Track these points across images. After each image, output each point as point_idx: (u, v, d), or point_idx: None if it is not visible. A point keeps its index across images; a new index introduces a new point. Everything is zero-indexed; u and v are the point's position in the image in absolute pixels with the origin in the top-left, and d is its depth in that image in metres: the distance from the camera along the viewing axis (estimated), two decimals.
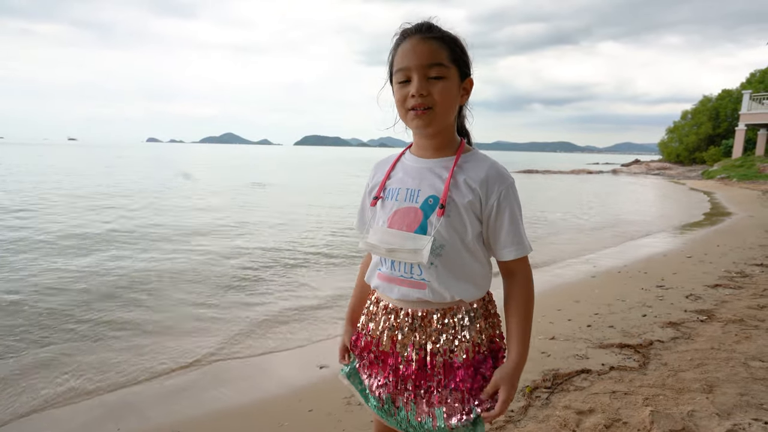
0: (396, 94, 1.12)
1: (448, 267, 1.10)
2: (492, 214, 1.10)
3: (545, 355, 2.94)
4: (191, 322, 3.88)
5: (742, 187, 18.18)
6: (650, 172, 30.92)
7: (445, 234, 1.09)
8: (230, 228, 8.51)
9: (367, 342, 1.23)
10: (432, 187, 1.11)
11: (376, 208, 1.20)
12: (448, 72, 1.07)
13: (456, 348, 1.11)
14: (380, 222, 1.18)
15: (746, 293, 4.25)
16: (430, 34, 1.08)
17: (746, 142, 26.03)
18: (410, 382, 1.14)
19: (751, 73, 30.90)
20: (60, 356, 3.20)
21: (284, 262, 5.99)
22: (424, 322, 1.13)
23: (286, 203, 13.06)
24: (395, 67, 1.10)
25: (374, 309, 1.23)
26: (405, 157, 1.22)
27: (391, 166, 1.22)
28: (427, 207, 1.11)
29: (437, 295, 1.10)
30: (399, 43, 1.11)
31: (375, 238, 1.16)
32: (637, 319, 3.61)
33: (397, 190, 1.16)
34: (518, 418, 2.20)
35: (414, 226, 1.11)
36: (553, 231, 8.74)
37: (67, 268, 5.44)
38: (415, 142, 1.20)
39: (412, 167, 1.18)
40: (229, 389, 2.80)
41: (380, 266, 1.18)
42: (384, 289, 1.17)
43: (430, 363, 1.12)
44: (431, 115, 1.08)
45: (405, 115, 1.11)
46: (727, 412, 2.18)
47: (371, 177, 1.27)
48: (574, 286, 4.89)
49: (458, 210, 1.09)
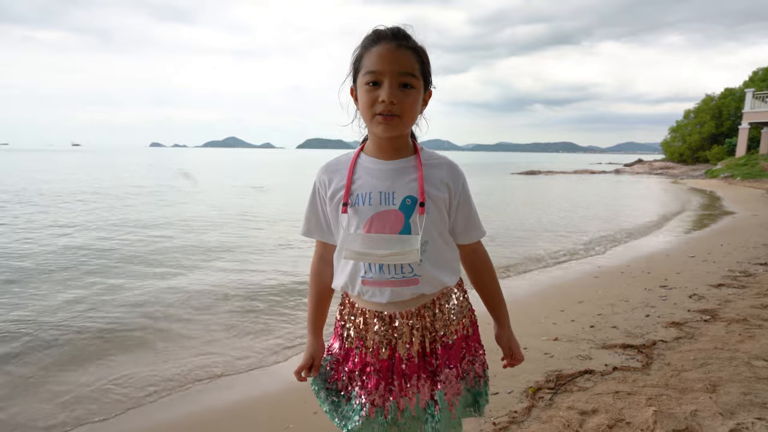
0: (364, 95, 1.10)
1: (433, 259, 1.17)
2: (460, 203, 1.20)
3: (548, 355, 2.95)
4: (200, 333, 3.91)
5: (746, 186, 18.11)
6: (653, 172, 30.83)
7: (428, 230, 1.14)
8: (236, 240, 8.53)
9: (361, 357, 1.20)
10: (406, 187, 1.14)
11: (347, 215, 1.15)
12: (417, 83, 1.10)
13: (448, 330, 1.20)
14: (353, 228, 1.14)
15: (750, 293, 4.25)
16: (407, 43, 1.09)
17: (750, 141, 25.92)
18: (415, 376, 1.17)
19: (754, 71, 30.80)
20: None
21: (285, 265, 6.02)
22: (420, 318, 1.17)
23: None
24: (366, 68, 1.09)
25: (361, 320, 1.20)
26: (362, 159, 1.20)
27: (350, 169, 1.18)
28: (405, 207, 1.13)
29: (431, 285, 1.17)
30: (371, 44, 1.10)
31: (359, 245, 1.13)
32: (640, 319, 3.61)
33: (367, 194, 1.14)
34: (522, 419, 2.21)
35: (397, 227, 1.12)
36: (555, 231, 8.74)
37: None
38: (374, 144, 1.19)
39: (376, 170, 1.16)
40: (235, 392, 2.82)
41: (363, 273, 1.15)
42: (372, 294, 1.15)
43: (430, 352, 1.19)
44: (397, 123, 1.10)
45: (371, 118, 1.11)
46: (731, 411, 2.18)
47: (327, 182, 1.21)
48: (577, 286, 4.89)
49: (435, 206, 1.15)
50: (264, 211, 11.79)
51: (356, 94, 1.15)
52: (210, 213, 11.01)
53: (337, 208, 1.18)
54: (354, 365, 1.22)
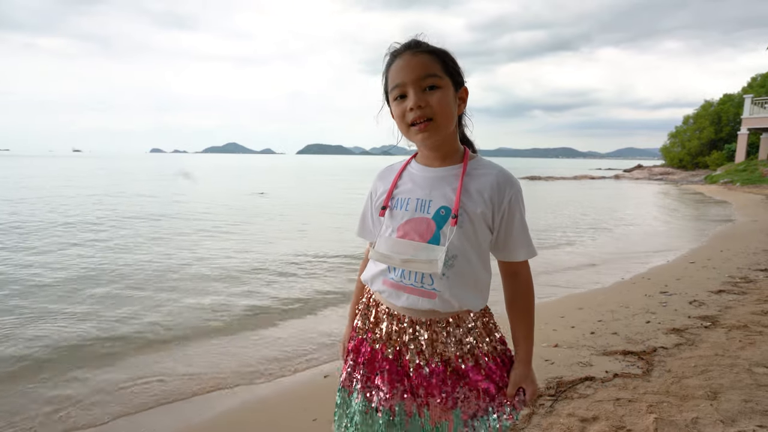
0: (395, 110, 1.13)
1: (459, 277, 1.11)
2: (504, 218, 1.12)
3: (549, 362, 2.94)
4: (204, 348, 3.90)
5: (745, 192, 18.12)
6: (653, 177, 30.87)
7: (458, 244, 1.10)
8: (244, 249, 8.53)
9: (372, 350, 1.20)
10: (443, 197, 1.12)
11: (384, 218, 1.19)
12: (442, 82, 1.09)
13: (465, 354, 1.14)
14: (388, 232, 1.17)
15: (750, 299, 4.24)
16: (419, 49, 1.11)
17: (749, 146, 25.98)
18: (422, 389, 1.14)
19: (753, 77, 30.91)
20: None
21: (282, 271, 6.02)
22: (430, 330, 1.13)
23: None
24: (390, 84, 1.12)
25: (374, 313, 1.21)
26: (411, 166, 1.22)
27: (397, 174, 1.22)
28: (439, 218, 1.11)
29: (446, 305, 1.11)
30: (390, 62, 1.13)
31: (385, 247, 1.16)
32: (640, 325, 3.60)
33: (406, 200, 1.16)
34: (522, 426, 2.20)
35: (427, 236, 1.11)
36: (556, 236, 8.74)
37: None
38: (421, 153, 1.21)
39: (420, 176, 1.18)
40: (234, 399, 2.81)
41: (388, 273, 1.16)
42: (390, 295, 1.16)
43: (442, 370, 1.13)
44: (433, 126, 1.09)
45: (407, 130, 1.13)
46: (732, 418, 2.17)
47: (376, 186, 1.26)
48: (578, 293, 4.89)
49: (470, 220, 1.10)
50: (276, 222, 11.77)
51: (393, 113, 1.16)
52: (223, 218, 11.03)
53: (378, 210, 1.21)
54: (363, 357, 1.23)
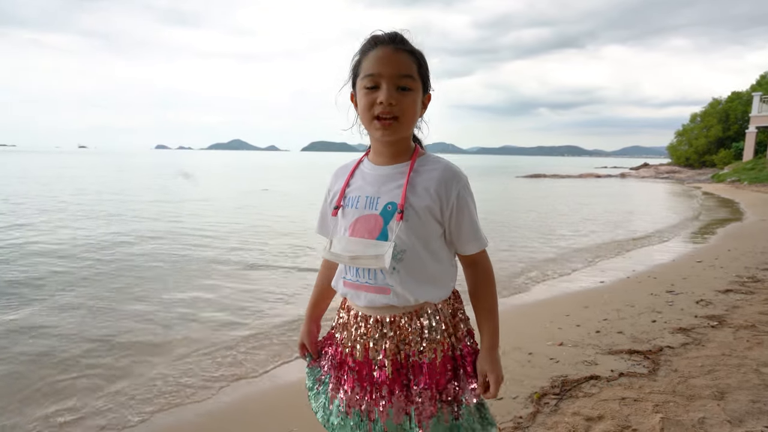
0: (362, 99, 1.12)
1: (410, 271, 1.12)
2: (453, 212, 1.14)
3: (554, 361, 2.93)
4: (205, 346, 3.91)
5: (753, 191, 17.98)
6: (659, 176, 30.68)
7: (406, 239, 1.11)
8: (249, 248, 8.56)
9: (341, 352, 1.23)
10: (390, 193, 1.14)
11: (337, 217, 1.21)
12: (415, 85, 1.11)
13: (424, 349, 1.14)
14: (342, 230, 1.19)
15: (758, 298, 4.20)
16: (403, 46, 1.11)
17: (757, 145, 25.76)
18: (385, 387, 1.15)
19: (762, 75, 30.62)
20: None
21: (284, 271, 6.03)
22: (393, 327, 1.15)
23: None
24: (364, 72, 1.11)
25: (345, 317, 1.23)
26: (363, 164, 1.24)
27: (349, 173, 1.23)
28: (386, 213, 1.13)
29: (401, 299, 1.13)
30: (369, 49, 1.12)
31: (338, 247, 1.18)
32: (646, 324, 3.58)
33: (356, 198, 1.18)
34: (527, 425, 2.19)
35: (375, 233, 1.13)
36: (561, 235, 8.70)
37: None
38: (373, 149, 1.22)
39: (371, 174, 1.19)
40: (238, 395, 2.82)
41: (345, 274, 1.19)
42: (352, 296, 1.19)
43: (403, 365, 1.15)
44: (396, 126, 1.10)
45: (370, 122, 1.12)
46: (739, 419, 2.15)
47: (331, 185, 1.27)
48: (583, 291, 4.87)
49: (417, 214, 1.11)
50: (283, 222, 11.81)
51: (356, 99, 1.17)
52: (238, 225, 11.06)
53: (332, 210, 1.22)
54: (334, 353, 1.27)
